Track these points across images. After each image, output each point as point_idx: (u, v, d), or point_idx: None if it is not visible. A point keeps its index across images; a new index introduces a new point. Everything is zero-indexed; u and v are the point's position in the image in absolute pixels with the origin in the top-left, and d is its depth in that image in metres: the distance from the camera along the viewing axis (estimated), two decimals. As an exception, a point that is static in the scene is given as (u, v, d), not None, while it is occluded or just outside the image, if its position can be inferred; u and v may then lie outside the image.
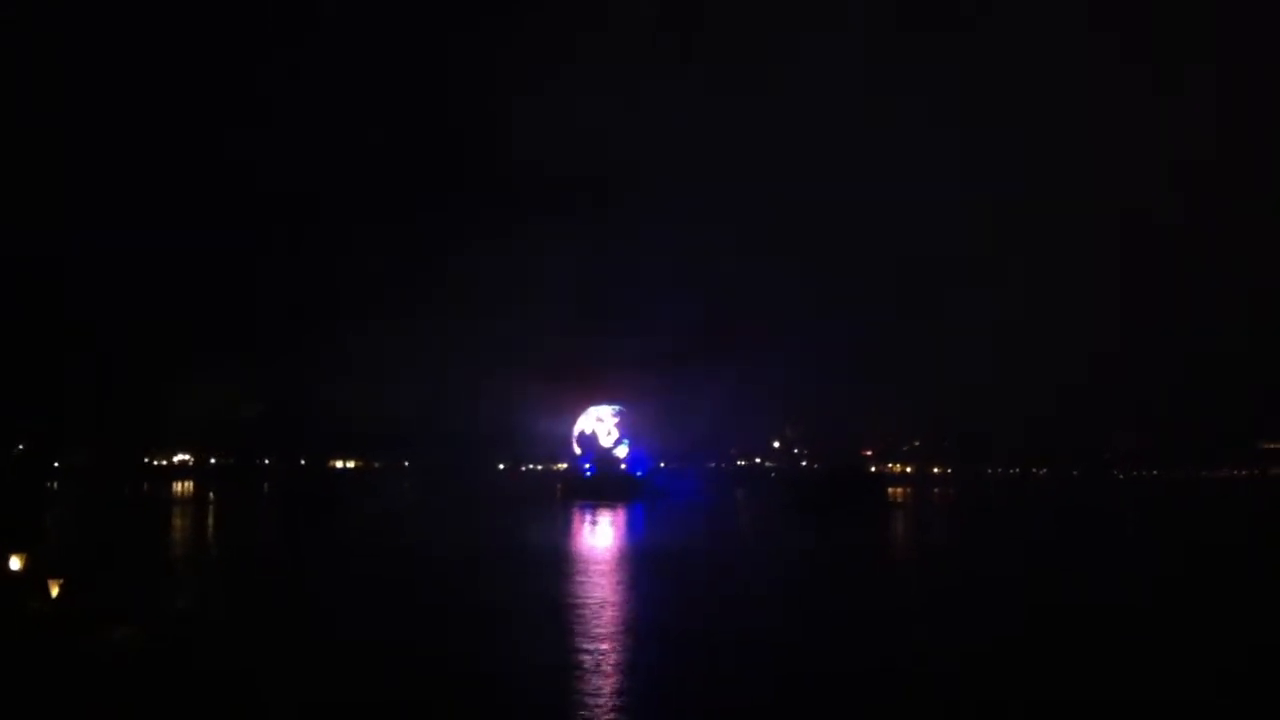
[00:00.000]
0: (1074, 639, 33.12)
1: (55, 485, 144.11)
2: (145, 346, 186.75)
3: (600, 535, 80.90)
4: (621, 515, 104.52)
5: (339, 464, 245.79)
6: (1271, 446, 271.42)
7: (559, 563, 54.89)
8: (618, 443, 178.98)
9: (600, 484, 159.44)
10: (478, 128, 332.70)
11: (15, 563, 27.79)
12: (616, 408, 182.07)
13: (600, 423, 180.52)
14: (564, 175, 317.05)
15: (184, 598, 40.04)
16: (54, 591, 25.96)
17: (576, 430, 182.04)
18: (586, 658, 28.46)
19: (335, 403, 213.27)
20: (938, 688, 26.33)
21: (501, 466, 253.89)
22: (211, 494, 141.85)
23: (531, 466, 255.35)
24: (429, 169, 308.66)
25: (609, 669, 27.06)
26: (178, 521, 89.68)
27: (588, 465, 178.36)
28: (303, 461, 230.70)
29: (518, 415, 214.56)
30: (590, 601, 39.55)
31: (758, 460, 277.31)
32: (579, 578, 48.03)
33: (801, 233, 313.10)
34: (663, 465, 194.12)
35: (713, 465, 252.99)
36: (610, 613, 37.04)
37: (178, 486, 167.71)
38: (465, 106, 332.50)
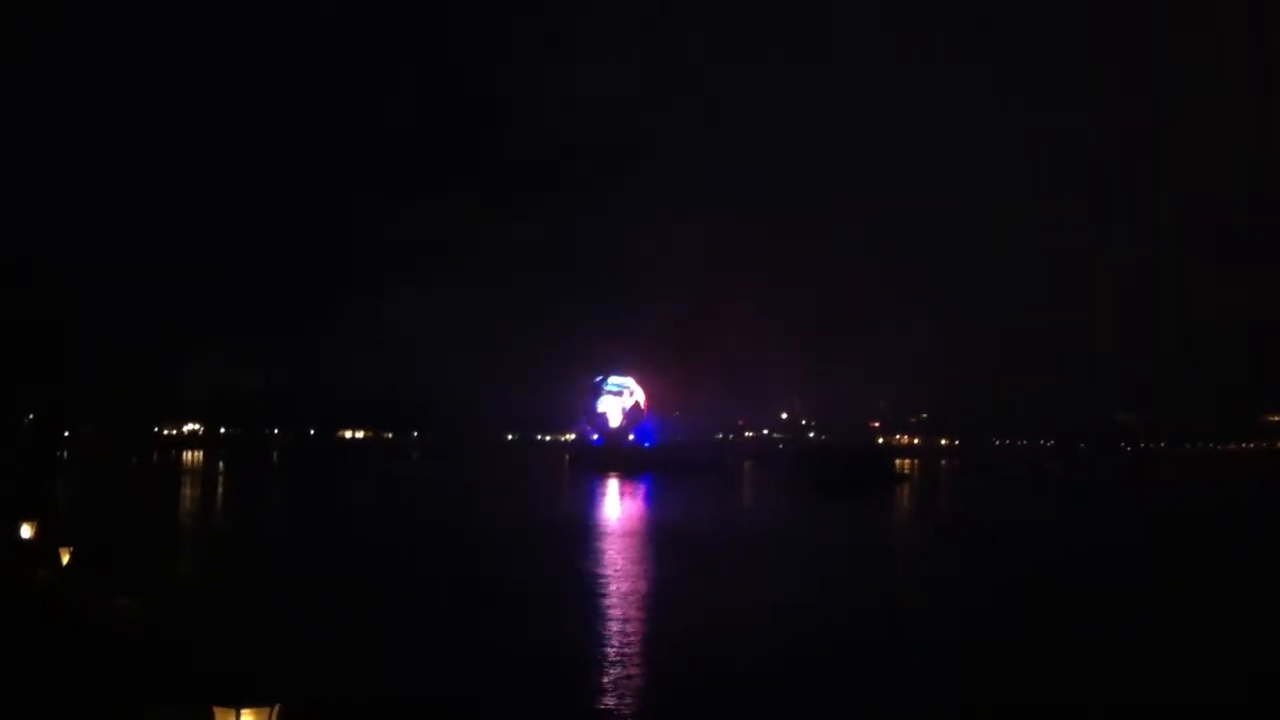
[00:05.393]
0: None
1: (64, 455, 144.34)
2: (154, 315, 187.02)
3: (632, 515, 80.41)
4: (635, 489, 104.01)
5: (348, 434, 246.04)
6: (1277, 419, 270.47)
7: (581, 539, 54.39)
8: (634, 413, 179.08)
9: (609, 455, 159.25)
10: (494, 101, 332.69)
11: (26, 531, 27.34)
12: (629, 379, 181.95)
13: (615, 395, 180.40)
14: (578, 145, 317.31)
15: (189, 568, 39.82)
16: (64, 560, 25.49)
17: (590, 401, 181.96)
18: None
19: (345, 373, 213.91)
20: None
21: (511, 437, 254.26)
22: (221, 464, 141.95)
23: (541, 437, 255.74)
24: (444, 140, 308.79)
25: None
26: (187, 491, 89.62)
27: (596, 436, 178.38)
28: (312, 432, 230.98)
29: (528, 386, 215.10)
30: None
31: (765, 432, 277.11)
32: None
33: (805, 207, 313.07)
34: (671, 437, 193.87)
35: (720, 437, 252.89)
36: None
37: (187, 456, 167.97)
38: (479, 81, 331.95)
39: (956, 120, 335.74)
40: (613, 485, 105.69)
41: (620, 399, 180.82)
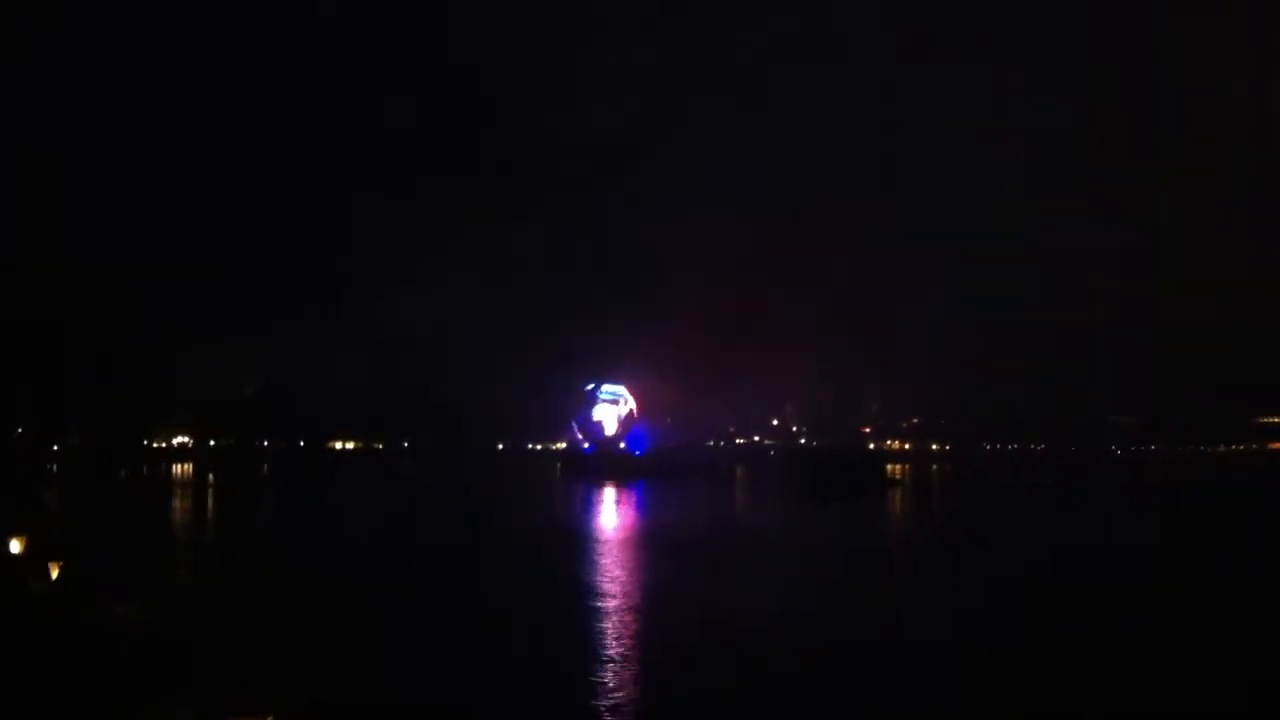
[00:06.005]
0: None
1: (54, 468, 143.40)
2: (152, 316, 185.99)
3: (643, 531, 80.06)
4: (629, 495, 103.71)
5: (339, 445, 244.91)
6: (1267, 421, 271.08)
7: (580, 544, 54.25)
8: (628, 421, 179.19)
9: (601, 463, 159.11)
10: (494, 101, 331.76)
11: (15, 545, 27.09)
12: (621, 387, 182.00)
13: (611, 404, 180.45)
14: (578, 145, 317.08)
15: (184, 574, 39.61)
16: (54, 573, 25.28)
17: (583, 409, 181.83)
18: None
19: (343, 375, 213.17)
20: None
21: (501, 446, 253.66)
22: (211, 475, 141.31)
23: (533, 446, 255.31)
24: (444, 140, 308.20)
25: None
26: (177, 503, 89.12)
27: (587, 444, 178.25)
28: (302, 443, 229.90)
29: (522, 391, 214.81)
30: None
31: (756, 438, 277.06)
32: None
33: (804, 207, 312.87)
34: (662, 443, 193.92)
35: (712, 443, 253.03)
36: None
37: (177, 468, 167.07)
38: (479, 81, 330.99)
39: (957, 120, 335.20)
40: (608, 493, 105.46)
41: (616, 407, 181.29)
